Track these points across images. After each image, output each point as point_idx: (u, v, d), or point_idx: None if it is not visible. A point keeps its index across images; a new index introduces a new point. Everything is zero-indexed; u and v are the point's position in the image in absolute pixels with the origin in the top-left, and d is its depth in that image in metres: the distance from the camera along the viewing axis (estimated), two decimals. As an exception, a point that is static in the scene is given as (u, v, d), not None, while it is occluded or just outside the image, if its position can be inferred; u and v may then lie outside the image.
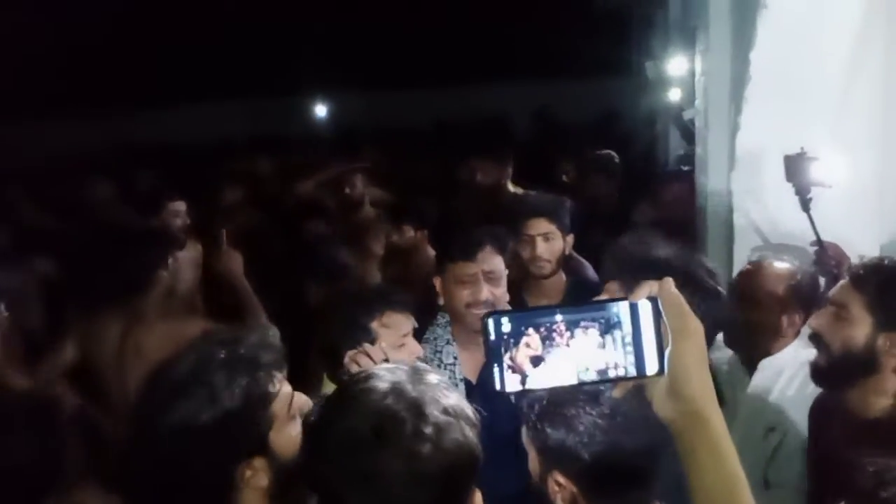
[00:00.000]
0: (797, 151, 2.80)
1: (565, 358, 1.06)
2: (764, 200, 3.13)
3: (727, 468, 1.06)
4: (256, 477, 1.46)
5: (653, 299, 1.07)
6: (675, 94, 5.80)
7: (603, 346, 1.06)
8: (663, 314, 1.06)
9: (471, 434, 1.23)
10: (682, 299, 1.06)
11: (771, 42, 2.90)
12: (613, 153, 5.43)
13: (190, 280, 4.09)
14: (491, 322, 1.07)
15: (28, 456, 1.85)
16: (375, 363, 1.95)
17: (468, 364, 2.56)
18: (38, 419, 1.94)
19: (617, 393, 1.12)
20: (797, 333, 2.49)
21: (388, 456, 1.16)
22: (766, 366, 2.48)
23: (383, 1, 10.40)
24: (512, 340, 1.06)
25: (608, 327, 1.06)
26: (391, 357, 2.05)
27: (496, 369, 1.06)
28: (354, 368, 1.99)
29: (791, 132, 2.92)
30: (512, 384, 1.06)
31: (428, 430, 1.18)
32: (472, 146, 5.42)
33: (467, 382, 2.57)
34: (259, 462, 1.46)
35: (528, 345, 1.06)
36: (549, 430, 1.45)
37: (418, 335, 2.57)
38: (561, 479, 1.45)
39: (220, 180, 5.80)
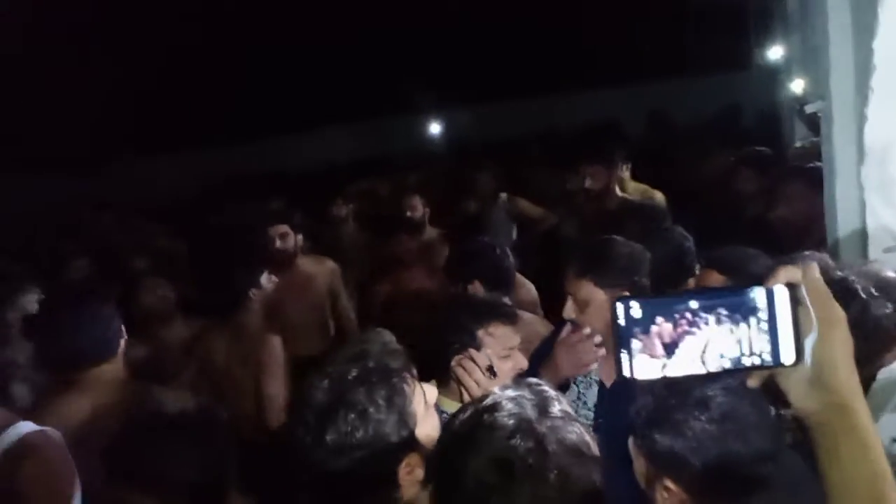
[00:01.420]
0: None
1: (697, 346, 1.03)
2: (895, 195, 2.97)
3: (873, 462, 1.02)
4: (414, 472, 1.55)
5: (790, 285, 1.03)
6: (797, 86, 5.55)
7: (737, 333, 1.02)
8: (808, 302, 1.02)
9: (594, 473, 1.24)
10: (825, 286, 1.02)
11: (894, 29, 2.75)
12: (766, 149, 5.20)
13: (302, 299, 4.38)
14: (621, 307, 1.05)
15: (197, 467, 1.94)
16: (480, 369, 2.05)
17: (605, 368, 2.56)
18: (207, 431, 2.04)
19: (752, 383, 1.09)
20: None
21: (513, 496, 1.19)
22: (885, 373, 2.32)
23: (486, 11, 10.45)
24: (641, 327, 1.04)
25: (743, 314, 1.02)
26: (496, 366, 2.13)
27: (624, 355, 1.04)
28: (459, 372, 2.04)
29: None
30: (641, 371, 1.04)
31: (553, 471, 1.20)
32: (580, 152, 5.37)
33: (601, 385, 2.58)
34: (413, 458, 1.55)
35: (659, 334, 1.03)
36: (657, 437, 1.42)
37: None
38: (671, 486, 1.43)
39: (336, 200, 6.03)
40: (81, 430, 2.48)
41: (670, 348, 1.03)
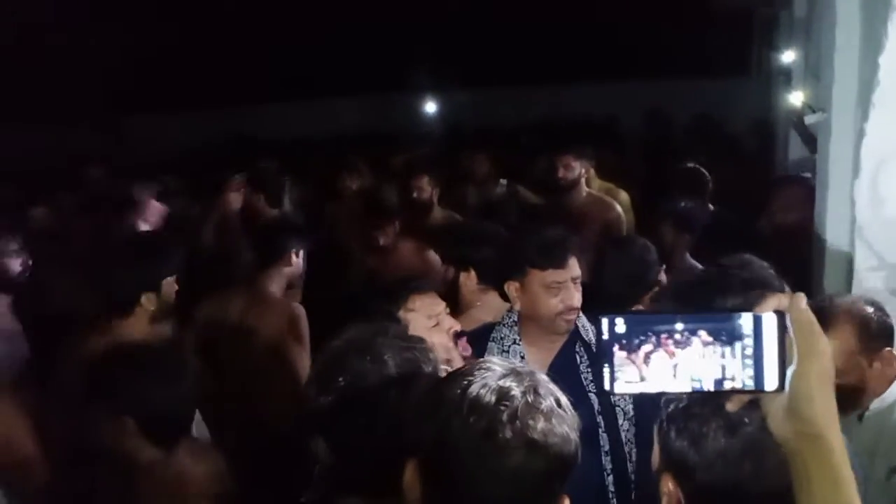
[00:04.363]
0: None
1: (680, 365, 1.04)
2: (886, 213, 2.95)
3: (844, 497, 1.02)
4: None
5: (779, 313, 1.03)
6: (796, 98, 5.53)
7: (722, 356, 1.03)
8: (790, 330, 1.03)
9: (575, 434, 1.26)
10: (812, 317, 1.02)
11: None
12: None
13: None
14: (605, 322, 1.07)
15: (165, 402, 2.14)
16: None
17: (535, 361, 2.52)
18: (175, 370, 2.24)
19: (731, 406, 1.10)
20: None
21: (506, 421, 1.20)
22: (877, 405, 2.29)
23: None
24: (624, 342, 1.06)
25: (729, 338, 1.03)
26: (428, 341, 2.08)
27: (606, 370, 1.07)
28: None
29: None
30: (621, 386, 1.07)
31: (543, 407, 1.23)
32: (557, 144, 5.35)
33: None
34: None
35: (641, 351, 1.05)
36: (673, 437, 1.39)
37: (486, 334, 2.59)
38: (671, 486, 1.40)
39: (333, 172, 5.95)
40: None
41: (652, 366, 1.05)
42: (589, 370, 2.48)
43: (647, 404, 1.55)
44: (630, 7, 10.18)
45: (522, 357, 2.54)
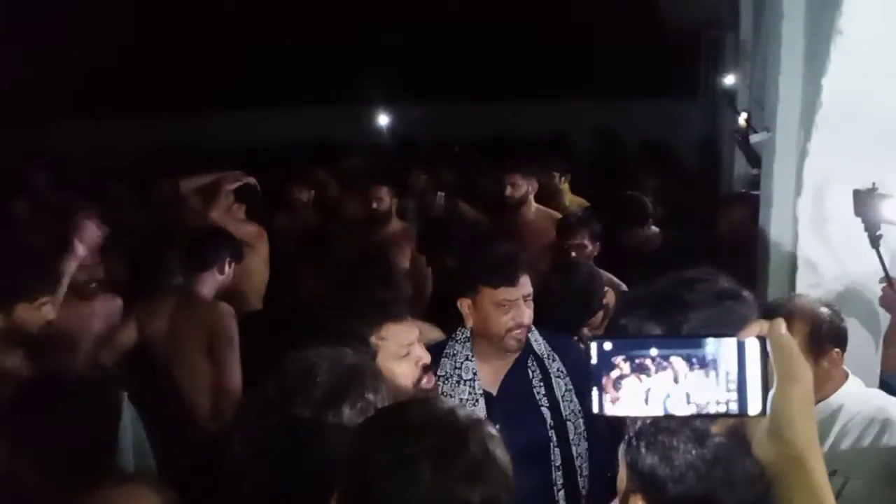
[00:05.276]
0: (868, 186, 2.69)
1: (664, 388, 1.07)
2: (828, 231, 3.03)
3: None
4: None
5: (761, 338, 1.06)
6: (742, 117, 5.67)
7: (705, 380, 1.06)
8: (771, 355, 1.06)
9: (503, 493, 1.23)
10: (792, 342, 1.06)
11: (845, 69, 2.79)
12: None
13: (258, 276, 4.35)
14: (594, 346, 1.09)
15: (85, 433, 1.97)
16: None
17: (488, 377, 2.54)
18: (96, 399, 2.09)
19: (716, 429, 1.14)
20: (844, 373, 2.39)
21: (424, 454, 1.19)
22: (821, 409, 2.35)
23: (451, 14, 10.43)
24: (612, 366, 1.08)
25: (712, 363, 1.06)
26: (396, 370, 2.06)
27: (595, 392, 1.08)
28: None
29: (861, 162, 2.81)
30: (609, 408, 1.08)
31: (468, 455, 1.21)
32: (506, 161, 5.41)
33: (487, 395, 2.54)
34: None
35: (627, 375, 1.07)
36: (643, 452, 1.40)
37: (439, 351, 2.55)
38: None
39: (286, 183, 5.90)
40: None
41: (637, 390, 1.07)
42: (542, 384, 2.49)
43: (597, 420, 1.53)
44: (580, 27, 10.32)
45: (475, 373, 2.53)
